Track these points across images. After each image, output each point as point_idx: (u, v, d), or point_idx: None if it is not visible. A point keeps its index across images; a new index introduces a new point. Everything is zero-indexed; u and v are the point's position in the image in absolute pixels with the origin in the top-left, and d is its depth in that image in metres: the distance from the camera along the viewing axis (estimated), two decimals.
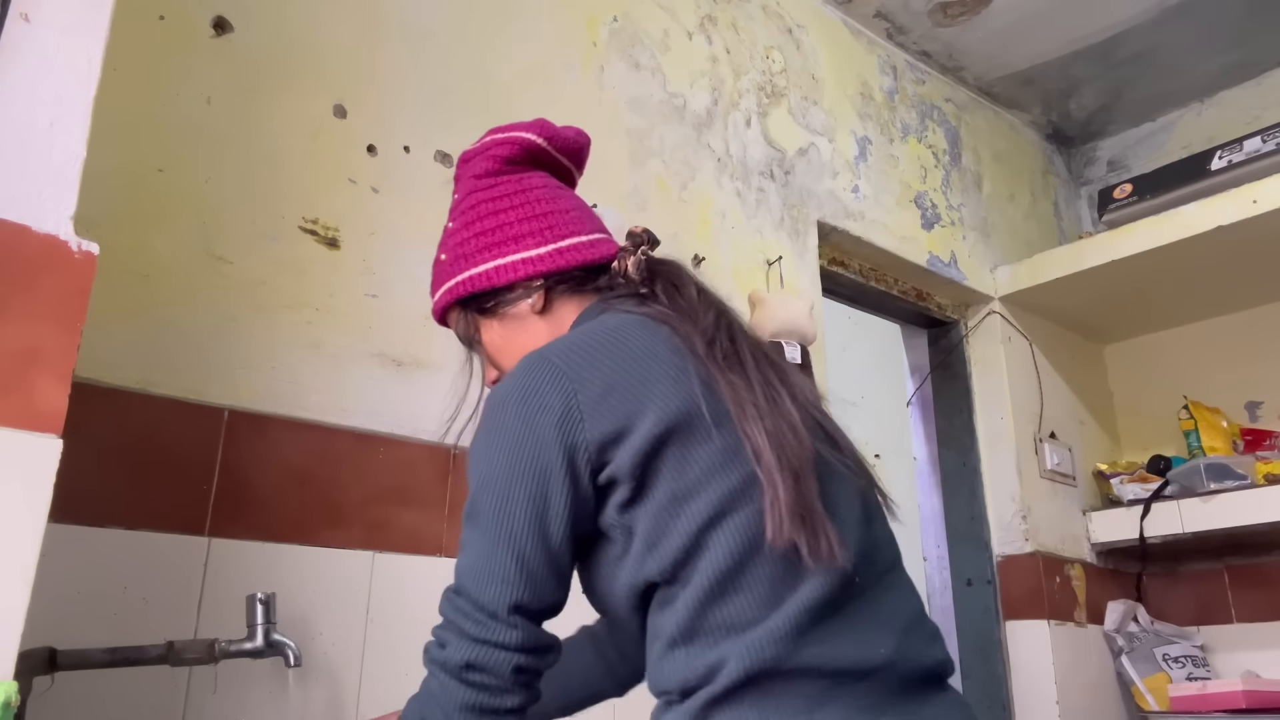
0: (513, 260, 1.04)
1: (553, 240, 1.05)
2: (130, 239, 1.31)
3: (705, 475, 0.85)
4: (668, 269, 1.05)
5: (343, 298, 1.49)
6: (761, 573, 0.84)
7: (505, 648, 0.85)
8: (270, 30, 1.51)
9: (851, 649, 0.84)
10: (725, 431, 0.87)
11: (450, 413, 1.17)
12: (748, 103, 2.24)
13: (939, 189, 2.69)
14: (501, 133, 1.10)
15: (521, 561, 0.85)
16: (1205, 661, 2.54)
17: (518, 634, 0.85)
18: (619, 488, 0.87)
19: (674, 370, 0.89)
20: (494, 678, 0.85)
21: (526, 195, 1.08)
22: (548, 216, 1.07)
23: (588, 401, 0.86)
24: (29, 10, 0.78)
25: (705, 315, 0.97)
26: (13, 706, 0.66)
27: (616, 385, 0.87)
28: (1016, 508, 2.50)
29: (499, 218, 1.06)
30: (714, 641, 0.83)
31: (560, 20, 1.93)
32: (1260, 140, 2.36)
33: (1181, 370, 2.81)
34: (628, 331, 0.92)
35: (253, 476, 1.33)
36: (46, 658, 1.03)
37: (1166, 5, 2.57)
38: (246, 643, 1.14)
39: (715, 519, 0.84)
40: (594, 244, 1.07)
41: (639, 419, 0.86)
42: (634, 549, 0.87)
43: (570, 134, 1.14)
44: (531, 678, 0.88)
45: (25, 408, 0.72)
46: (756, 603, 0.83)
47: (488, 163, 1.09)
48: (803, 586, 0.84)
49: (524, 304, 1.05)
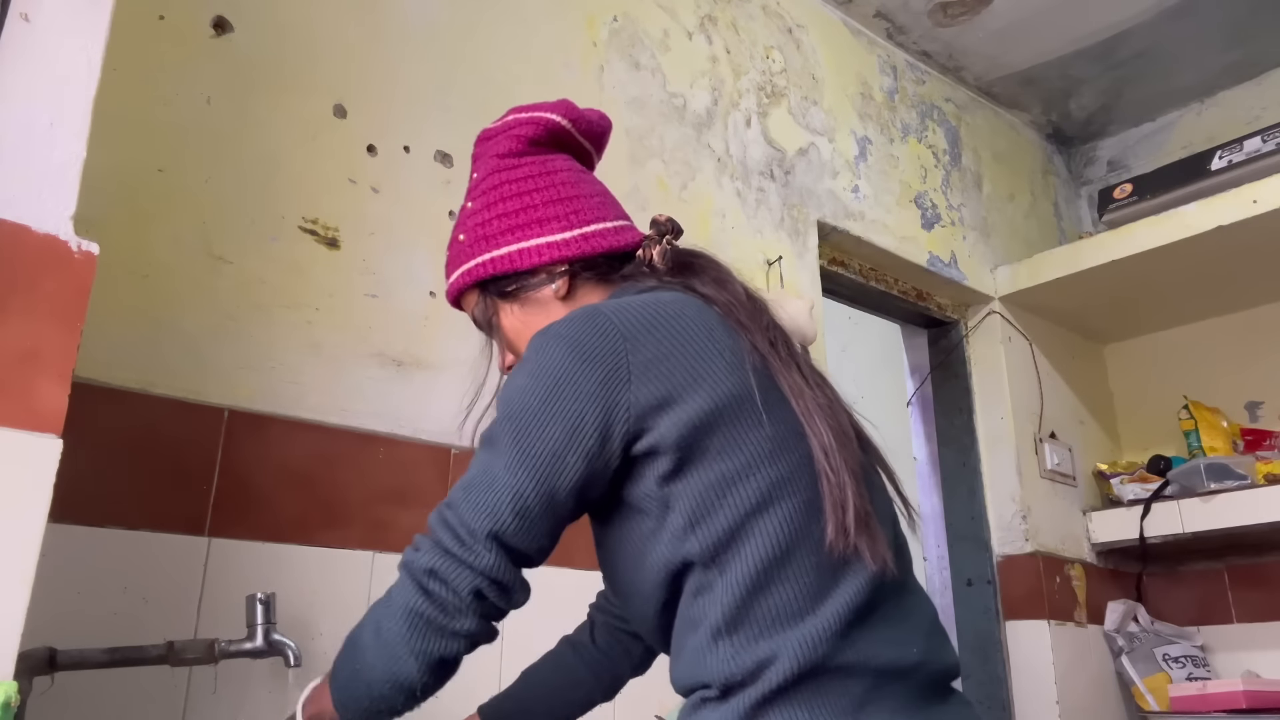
0: (537, 244, 1.02)
1: (578, 225, 1.03)
2: (130, 239, 1.31)
3: (755, 461, 0.84)
4: (702, 260, 1.03)
5: (343, 298, 1.49)
6: (807, 563, 0.83)
7: (472, 567, 0.83)
8: (270, 30, 1.51)
9: (891, 648, 0.83)
10: (776, 420, 0.86)
11: (468, 399, 1.14)
12: (748, 103, 2.24)
13: (939, 189, 2.69)
14: (525, 112, 1.08)
15: (519, 497, 0.84)
16: (1205, 661, 2.54)
17: (489, 559, 0.83)
18: (660, 459, 0.85)
19: (730, 352, 0.88)
20: (451, 593, 0.83)
21: (551, 178, 1.05)
22: (573, 200, 1.05)
23: (638, 363, 0.85)
24: (29, 10, 0.78)
25: (762, 316, 0.95)
26: (13, 706, 0.66)
27: (671, 354, 0.86)
28: (1016, 508, 2.50)
29: (523, 199, 1.03)
30: (762, 632, 0.81)
31: (560, 20, 1.93)
32: (1260, 140, 2.36)
33: (1181, 370, 2.81)
34: (684, 307, 0.91)
35: (253, 476, 1.33)
36: (46, 658, 1.03)
37: (1166, 5, 2.57)
38: (246, 643, 1.14)
39: (762, 505, 0.83)
40: (619, 230, 1.05)
41: (689, 392, 0.84)
42: (671, 524, 0.85)
43: (594, 116, 1.13)
44: (490, 610, 0.86)
45: (25, 408, 0.72)
46: (804, 593, 0.82)
47: (511, 142, 1.06)
48: (846, 580, 0.83)
49: (547, 289, 1.03)
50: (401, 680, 0.85)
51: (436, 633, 0.84)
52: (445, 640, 0.84)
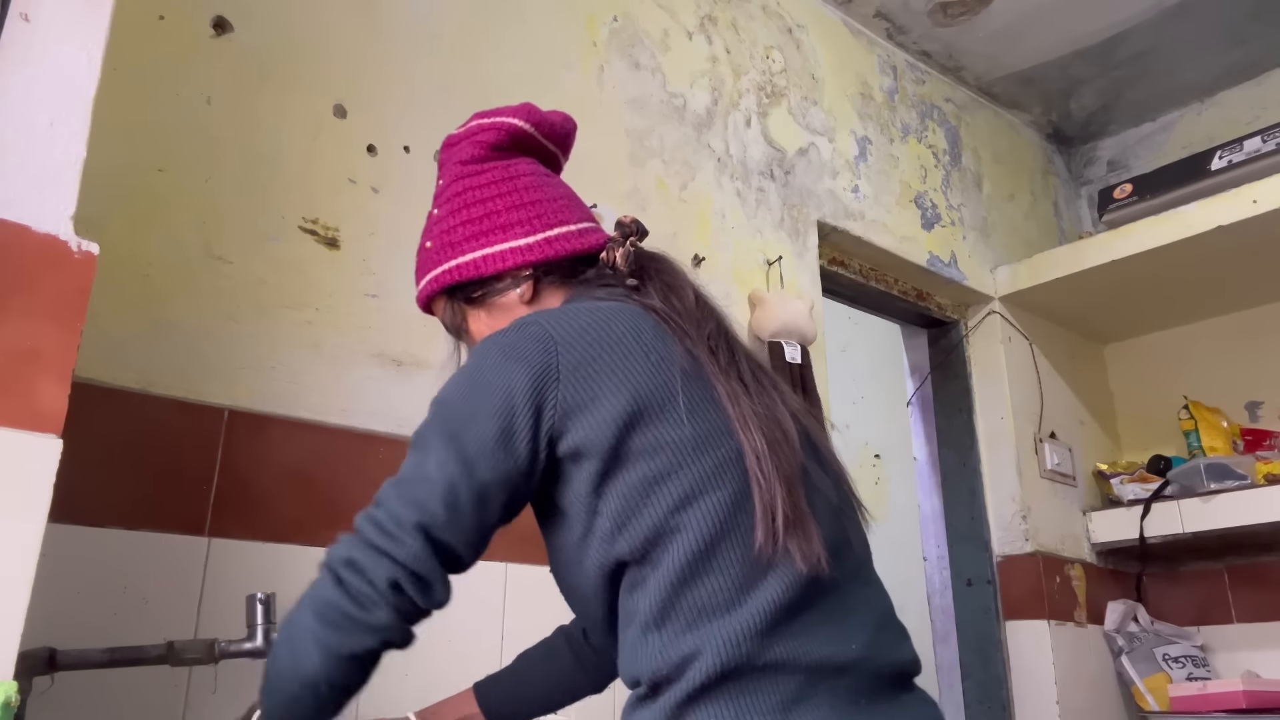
0: (501, 250, 1.03)
1: (541, 229, 1.04)
2: (130, 239, 1.31)
3: (678, 460, 0.84)
4: (659, 265, 1.04)
5: (343, 298, 1.49)
6: (733, 555, 0.83)
7: (392, 557, 0.82)
8: (270, 30, 1.51)
9: (825, 644, 0.83)
10: (700, 419, 0.86)
11: None
12: (748, 103, 2.24)
13: (939, 189, 2.69)
14: (487, 118, 1.09)
15: (450, 490, 0.84)
16: (1205, 661, 2.54)
17: (410, 550, 0.82)
18: (587, 462, 0.85)
19: (656, 356, 0.89)
20: (367, 584, 0.81)
21: (514, 183, 1.06)
22: (536, 205, 1.05)
23: (567, 365, 0.86)
24: (29, 10, 0.78)
25: (706, 323, 0.96)
26: (13, 706, 0.66)
27: (599, 357, 0.87)
28: (1016, 508, 2.50)
29: (486, 205, 1.04)
30: (689, 625, 0.82)
31: (560, 20, 1.93)
32: (1260, 140, 2.36)
33: (1181, 370, 2.81)
34: (617, 314, 0.92)
35: (253, 476, 1.33)
36: (46, 658, 1.03)
37: (1166, 5, 2.57)
38: (246, 643, 1.14)
39: (687, 500, 0.83)
40: (583, 233, 1.06)
41: (613, 394, 0.85)
42: (598, 529, 0.86)
43: (557, 119, 1.13)
44: (406, 605, 0.83)
45: (25, 408, 0.72)
46: (731, 585, 0.82)
47: (473, 148, 1.07)
48: (774, 574, 0.83)
49: (512, 294, 1.04)
50: (307, 676, 0.82)
51: (347, 624, 0.82)
52: (355, 635, 0.82)
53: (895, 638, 0.90)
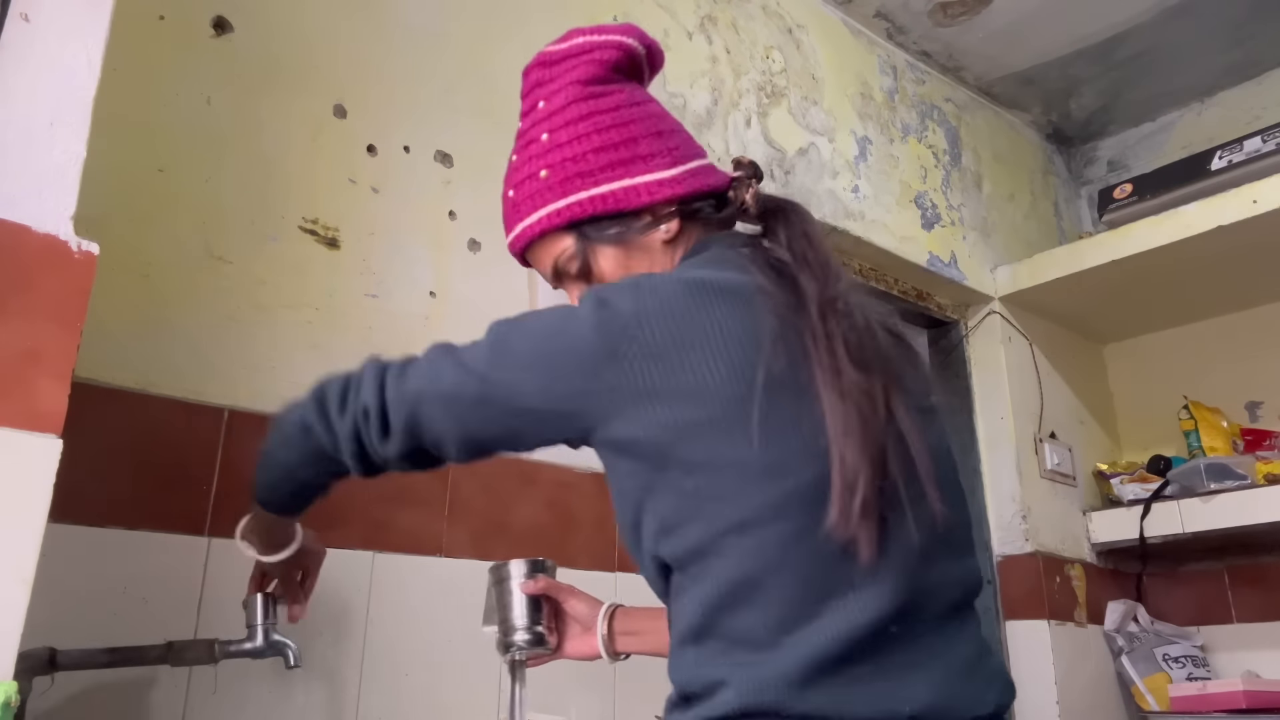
0: (646, 181, 0.92)
1: (682, 161, 0.93)
2: (130, 239, 1.30)
3: (739, 484, 0.76)
4: (792, 211, 0.94)
5: (343, 298, 1.49)
6: (779, 594, 0.75)
7: (375, 391, 0.87)
8: (271, 30, 1.51)
9: (873, 702, 0.73)
10: (774, 443, 0.76)
11: None
12: (748, 103, 2.24)
13: (939, 189, 2.69)
14: (595, 34, 0.97)
15: (461, 385, 0.84)
16: (1205, 661, 2.54)
17: (392, 394, 0.86)
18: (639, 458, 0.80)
19: (740, 358, 0.78)
20: (353, 395, 0.88)
21: (646, 108, 0.96)
22: (675, 134, 0.95)
23: (645, 348, 0.78)
24: (29, 10, 0.78)
25: (834, 281, 0.85)
26: (13, 706, 0.66)
27: (684, 344, 0.78)
28: (1016, 508, 2.50)
29: (622, 131, 0.93)
30: (721, 652, 0.77)
31: (561, 20, 1.92)
32: (1260, 140, 2.36)
33: (1181, 370, 2.80)
34: (719, 301, 0.81)
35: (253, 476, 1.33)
36: (46, 658, 1.03)
37: (1166, 5, 2.57)
38: (246, 643, 1.14)
39: (739, 527, 0.76)
40: (710, 170, 0.97)
41: (682, 396, 0.77)
42: (647, 525, 0.82)
43: (658, 46, 1.03)
44: (365, 435, 0.87)
45: (25, 408, 0.71)
46: (769, 624, 0.75)
47: (593, 67, 0.96)
48: (825, 616, 0.74)
49: (655, 232, 0.93)
50: (305, 421, 0.91)
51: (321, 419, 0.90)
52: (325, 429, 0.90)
53: (976, 690, 0.80)
